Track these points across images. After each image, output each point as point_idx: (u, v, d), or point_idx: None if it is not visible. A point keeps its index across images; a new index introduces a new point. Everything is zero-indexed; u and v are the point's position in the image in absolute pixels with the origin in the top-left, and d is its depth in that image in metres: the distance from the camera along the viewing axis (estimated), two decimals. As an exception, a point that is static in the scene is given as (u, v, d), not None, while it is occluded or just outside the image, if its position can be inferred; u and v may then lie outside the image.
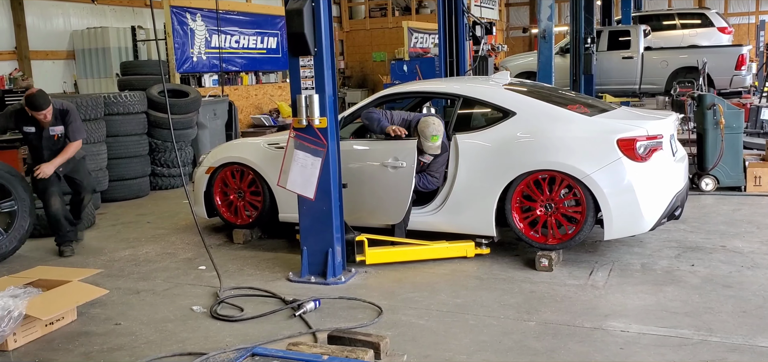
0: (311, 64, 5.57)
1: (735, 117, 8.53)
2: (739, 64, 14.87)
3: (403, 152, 6.10)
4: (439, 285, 5.52)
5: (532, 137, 5.92)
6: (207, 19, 13.66)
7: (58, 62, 14.20)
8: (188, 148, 10.83)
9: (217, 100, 12.16)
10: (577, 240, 5.84)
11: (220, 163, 7.08)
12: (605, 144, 5.70)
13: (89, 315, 5.09)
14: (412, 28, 21.60)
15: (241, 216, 7.07)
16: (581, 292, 5.23)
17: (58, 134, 6.93)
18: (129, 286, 5.79)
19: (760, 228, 6.84)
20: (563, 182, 5.76)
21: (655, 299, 5.02)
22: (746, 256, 5.95)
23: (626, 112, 6.72)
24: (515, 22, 31.77)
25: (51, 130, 6.88)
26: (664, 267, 5.75)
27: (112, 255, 6.83)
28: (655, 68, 15.85)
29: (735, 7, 27.76)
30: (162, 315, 5.09)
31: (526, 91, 6.67)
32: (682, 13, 20.44)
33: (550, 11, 12.44)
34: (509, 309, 4.94)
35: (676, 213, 6.05)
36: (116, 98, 9.77)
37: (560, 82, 15.45)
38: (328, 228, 5.67)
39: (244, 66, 15.06)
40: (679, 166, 6.20)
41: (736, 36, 22.09)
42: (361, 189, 6.28)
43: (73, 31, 14.43)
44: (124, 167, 9.82)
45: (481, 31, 9.87)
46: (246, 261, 6.36)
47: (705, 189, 8.58)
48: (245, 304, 5.17)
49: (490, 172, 6.00)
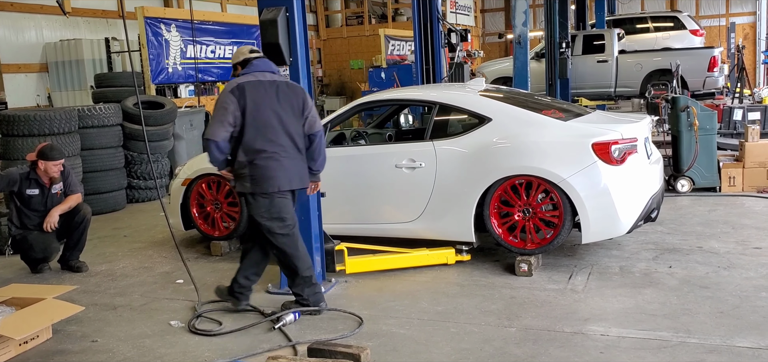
0: (287, 73, 5.54)
1: (708, 118, 8.63)
2: (712, 65, 15.05)
3: (419, 154, 6.18)
4: (420, 293, 5.51)
5: (508, 142, 5.93)
6: (182, 29, 13.58)
7: (31, 75, 14.01)
8: (164, 159, 10.73)
9: (194, 111, 12.08)
10: (556, 244, 5.86)
11: (196, 175, 7.02)
12: (580, 148, 5.73)
13: (65, 333, 5.01)
14: (388, 36, 21.66)
15: (219, 228, 7.01)
16: (561, 297, 5.24)
17: (60, 191, 6.69)
18: (106, 302, 5.71)
19: (736, 229, 6.92)
20: (540, 187, 5.78)
21: (633, 302, 5.05)
22: (722, 257, 6.01)
23: (601, 116, 6.77)
24: (491, 28, 31.98)
25: (54, 187, 6.64)
26: (642, 269, 5.79)
27: (89, 271, 6.73)
28: (629, 71, 16.00)
29: (706, 9, 28.16)
30: (139, 330, 5.02)
31: (501, 97, 6.70)
32: (654, 16, 20.67)
33: (525, 17, 12.49)
34: (490, 315, 4.94)
35: (652, 215, 6.09)
36: (90, 111, 9.67)
37: (536, 87, 15.52)
38: (306, 238, 5.63)
39: (220, 76, 14.98)
40: (655, 168, 6.25)
41: (707, 38, 22.38)
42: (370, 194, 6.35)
43: (46, 43, 14.24)
44: (99, 180, 9.71)
45: (456, 38, 9.90)
46: (224, 273, 6.30)
47: (681, 190, 8.66)
48: (224, 318, 5.12)
49: (468, 178, 6.01)
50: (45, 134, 8.80)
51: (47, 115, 8.93)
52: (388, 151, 6.48)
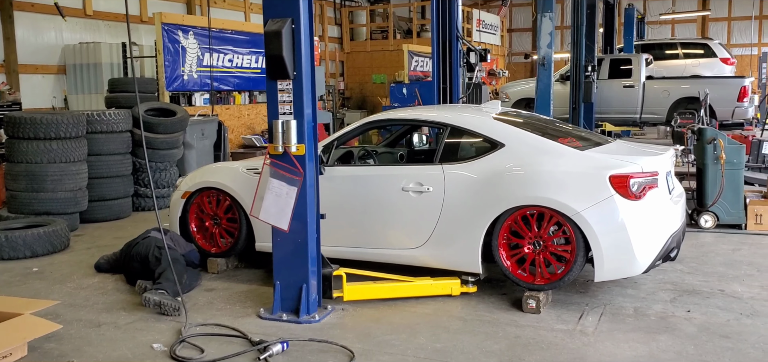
0: (290, 88, 5.30)
1: (736, 152, 8.23)
2: (742, 95, 14.61)
3: (427, 178, 5.88)
4: (420, 326, 5.19)
5: (521, 170, 5.61)
6: (200, 37, 13.43)
7: (48, 76, 13.94)
8: (173, 168, 10.53)
9: (206, 120, 11.89)
10: (567, 280, 5.51)
11: (196, 188, 6.77)
12: (597, 180, 5.39)
13: (42, 351, 4.77)
14: (412, 52, 21.42)
15: (217, 244, 6.76)
16: (569, 339, 4.90)
17: None
18: (91, 318, 5.46)
19: (761, 271, 6.52)
20: (552, 219, 5.45)
21: (647, 349, 4.69)
22: (745, 302, 5.62)
23: (621, 147, 6.41)
24: (517, 48, 31.65)
25: None
26: (659, 312, 5.42)
27: (80, 282, 6.50)
28: (656, 97, 15.60)
29: (738, 38, 27.57)
30: (120, 352, 4.76)
31: (517, 122, 6.39)
32: (684, 42, 20.22)
33: (550, 38, 12.21)
34: (491, 356, 4.62)
35: (671, 254, 5.73)
36: (100, 116, 9.49)
37: (560, 110, 15.20)
38: (303, 261, 5.36)
39: (237, 85, 14.81)
40: (676, 204, 5.89)
41: (738, 67, 21.89)
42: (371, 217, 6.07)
43: (65, 45, 14.18)
44: (105, 187, 9.51)
45: (475, 58, 9.59)
46: (217, 293, 6.04)
47: (704, 226, 8.26)
48: (209, 343, 4.84)
49: (477, 205, 5.69)
50: (51, 138, 8.62)
51: (54, 118, 8.75)
52: (395, 173, 6.18)
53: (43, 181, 8.58)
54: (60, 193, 8.67)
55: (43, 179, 8.57)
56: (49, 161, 8.61)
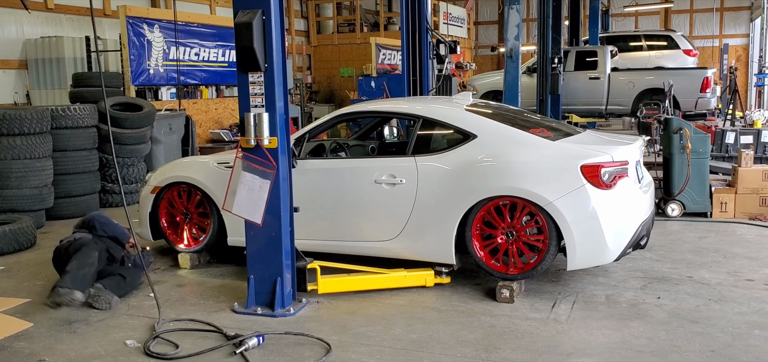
0: (261, 80, 5.25)
1: (701, 141, 8.37)
2: (705, 86, 14.89)
3: (400, 170, 5.88)
4: (395, 317, 5.20)
5: (493, 161, 5.64)
6: (165, 30, 13.25)
7: (9, 72, 13.61)
8: (141, 163, 10.39)
9: (174, 114, 11.74)
10: (540, 269, 5.57)
11: (166, 183, 6.69)
12: (568, 170, 5.45)
13: (12, 350, 4.67)
14: (380, 45, 21.39)
15: (188, 240, 6.69)
16: (543, 327, 4.95)
17: None
18: (62, 316, 5.36)
19: (727, 258, 6.65)
20: (525, 209, 5.49)
21: (619, 336, 4.76)
22: (713, 288, 5.74)
23: (591, 137, 6.48)
24: (484, 41, 31.79)
25: None
26: (630, 299, 5.51)
27: (51, 281, 6.35)
28: (621, 89, 15.82)
29: (700, 30, 28.05)
30: (92, 350, 4.68)
31: (488, 113, 6.41)
32: (648, 34, 20.52)
33: (517, 31, 12.28)
34: (467, 345, 4.64)
35: (641, 242, 5.81)
36: (64, 111, 9.31)
37: (527, 102, 15.31)
38: (277, 255, 5.33)
39: (204, 79, 14.64)
40: (645, 193, 5.98)
41: (700, 59, 22.28)
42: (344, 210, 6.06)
43: (27, 39, 13.87)
44: (71, 183, 9.36)
45: (445, 50, 9.62)
46: (190, 288, 5.98)
47: (671, 215, 8.40)
48: (184, 339, 4.79)
49: (450, 196, 5.71)
50: (15, 134, 8.44)
51: (18, 114, 8.57)
52: (367, 165, 6.17)
53: (7, 178, 8.41)
54: (25, 190, 8.50)
55: (7, 176, 8.40)
56: (13, 157, 8.44)
